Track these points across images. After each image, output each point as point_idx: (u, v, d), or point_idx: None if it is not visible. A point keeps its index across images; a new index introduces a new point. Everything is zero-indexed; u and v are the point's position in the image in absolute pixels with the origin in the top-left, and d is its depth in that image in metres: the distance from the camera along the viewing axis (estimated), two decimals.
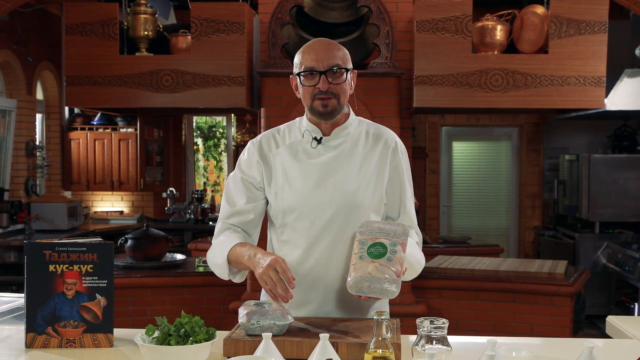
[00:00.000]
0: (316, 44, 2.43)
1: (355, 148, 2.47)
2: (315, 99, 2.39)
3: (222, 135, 10.03)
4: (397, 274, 2.12)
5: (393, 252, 2.16)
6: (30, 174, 8.29)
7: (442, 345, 1.91)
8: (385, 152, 2.48)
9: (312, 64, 2.37)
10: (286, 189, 2.43)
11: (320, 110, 2.39)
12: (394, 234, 2.22)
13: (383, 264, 2.13)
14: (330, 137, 2.47)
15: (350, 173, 2.43)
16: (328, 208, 2.40)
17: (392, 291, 2.11)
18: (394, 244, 2.18)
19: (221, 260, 2.41)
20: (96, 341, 2.21)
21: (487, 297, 5.25)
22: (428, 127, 9.03)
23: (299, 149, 2.48)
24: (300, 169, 2.44)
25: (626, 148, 8.30)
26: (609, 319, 2.66)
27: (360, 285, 2.12)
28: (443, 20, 4.97)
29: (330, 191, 2.41)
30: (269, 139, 2.53)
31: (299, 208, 2.40)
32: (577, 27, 4.93)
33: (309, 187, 2.42)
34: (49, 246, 2.18)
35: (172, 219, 8.94)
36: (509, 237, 9.37)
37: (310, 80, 2.38)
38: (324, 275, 2.42)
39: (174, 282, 5.32)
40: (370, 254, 2.15)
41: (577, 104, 5.01)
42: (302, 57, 2.41)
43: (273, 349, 1.92)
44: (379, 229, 2.24)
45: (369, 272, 2.11)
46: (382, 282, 2.10)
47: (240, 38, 5.11)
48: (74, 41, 5.23)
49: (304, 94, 2.42)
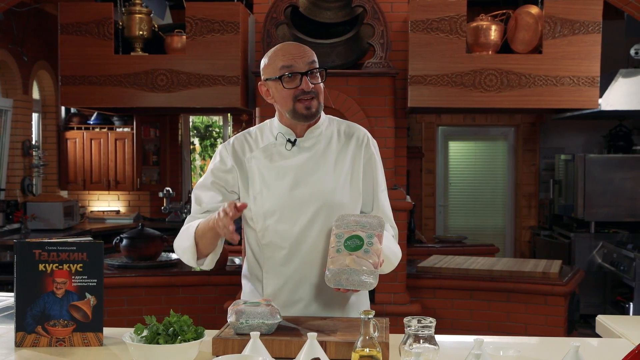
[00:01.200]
0: (289, 46, 2.43)
1: (328, 147, 2.49)
2: (296, 101, 2.38)
3: (219, 134, 10.04)
4: (374, 266, 2.15)
5: (370, 244, 2.18)
6: (26, 173, 8.29)
7: (429, 344, 1.91)
8: (358, 149, 2.51)
9: (291, 64, 2.36)
10: (265, 193, 2.44)
11: (304, 113, 2.39)
12: (370, 226, 2.24)
13: (360, 256, 2.15)
14: (303, 138, 2.48)
15: (327, 172, 2.45)
16: (308, 208, 2.42)
17: (370, 283, 2.14)
18: (370, 235, 2.20)
19: (189, 242, 2.38)
20: (86, 340, 2.21)
21: (481, 297, 5.27)
22: (424, 126, 9.03)
23: (273, 151, 2.48)
24: (277, 172, 2.45)
25: (621, 148, 8.31)
26: (599, 319, 2.67)
27: (339, 278, 2.14)
28: (437, 20, 4.98)
29: (309, 191, 2.42)
30: (242, 142, 2.52)
31: (279, 210, 2.41)
32: (571, 27, 4.93)
33: (287, 188, 2.43)
34: (39, 245, 2.19)
35: (168, 219, 8.94)
36: (505, 236, 9.39)
37: (291, 83, 2.37)
38: (309, 274, 2.43)
39: (169, 282, 5.32)
40: (347, 246, 2.18)
41: (571, 104, 5.01)
42: (276, 60, 2.39)
43: (261, 348, 1.93)
44: (355, 222, 2.26)
45: (346, 264, 2.14)
46: (359, 274, 2.13)
47: (235, 38, 5.11)
48: (69, 41, 5.23)
49: (284, 97, 2.40)
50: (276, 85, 2.41)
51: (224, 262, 5.41)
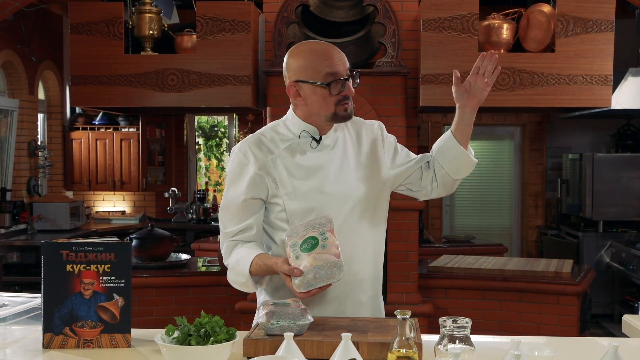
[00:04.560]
0: (329, 49, 2.41)
1: (345, 144, 2.51)
2: (338, 105, 2.39)
3: (224, 134, 10.02)
4: (336, 256, 2.15)
5: (325, 239, 2.18)
6: (32, 174, 8.27)
7: (465, 344, 1.89)
8: (369, 140, 2.55)
9: (338, 70, 2.36)
10: (297, 191, 2.41)
11: (344, 115, 2.42)
12: (319, 225, 2.24)
13: (319, 252, 2.16)
14: (326, 135, 2.49)
15: (350, 168, 2.46)
16: (342, 205, 2.41)
17: (336, 272, 2.14)
18: (323, 232, 2.20)
19: (244, 279, 2.41)
20: (114, 341, 2.19)
21: (493, 297, 5.25)
22: (431, 126, 9.02)
23: (297, 150, 2.46)
24: (305, 170, 2.43)
25: (629, 147, 8.30)
26: (626, 318, 2.64)
27: (306, 280, 2.14)
28: (449, 19, 4.96)
29: (339, 188, 2.42)
30: (259, 144, 2.46)
31: (317, 208, 2.39)
32: (583, 26, 4.91)
33: (319, 186, 2.41)
34: (67, 246, 2.16)
35: (174, 219, 8.92)
36: (511, 236, 9.37)
37: (336, 88, 2.37)
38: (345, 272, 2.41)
39: (179, 282, 5.30)
40: (304, 250, 2.18)
41: (584, 103, 4.99)
42: (319, 65, 2.36)
43: (295, 348, 1.91)
44: (303, 227, 2.26)
45: (309, 265, 2.14)
46: (323, 267, 2.13)
47: (246, 37, 5.09)
48: (79, 40, 5.20)
49: (327, 102, 2.39)
50: (317, 89, 2.38)
51: None
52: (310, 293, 2.17)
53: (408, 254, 5.03)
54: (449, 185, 2.58)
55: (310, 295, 2.18)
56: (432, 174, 2.58)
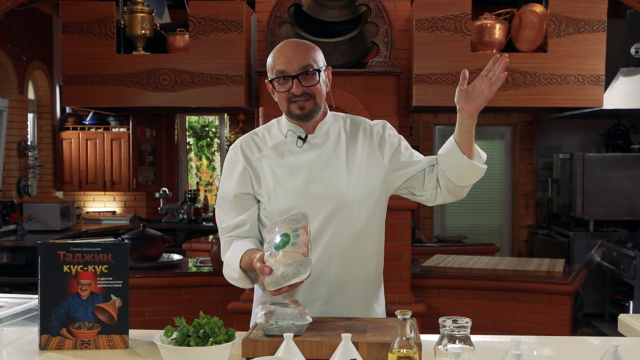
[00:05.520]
0: (285, 47, 2.41)
1: (338, 144, 2.49)
2: (290, 103, 2.39)
3: (215, 134, 9.99)
4: (304, 255, 2.15)
5: (296, 237, 2.18)
6: (22, 174, 8.23)
7: (465, 344, 1.89)
8: (365, 141, 2.51)
9: (283, 68, 2.36)
10: (279, 191, 2.42)
11: (297, 113, 2.40)
12: (293, 221, 2.24)
13: (289, 250, 2.15)
14: (313, 134, 2.47)
15: (339, 170, 2.44)
16: (324, 205, 2.40)
17: (303, 271, 2.13)
18: (296, 229, 2.20)
19: (237, 274, 2.41)
20: (111, 342, 2.18)
21: (486, 296, 5.26)
22: (422, 126, 9.02)
23: (284, 149, 2.47)
24: (289, 169, 2.44)
25: (620, 147, 8.33)
26: (622, 317, 2.65)
27: (275, 278, 2.14)
28: (442, 19, 4.96)
29: (324, 188, 2.41)
30: (249, 143, 2.51)
31: (296, 207, 2.37)
32: (576, 26, 4.92)
33: (302, 185, 2.41)
34: (64, 246, 2.15)
35: (165, 219, 8.90)
36: (502, 235, 9.39)
37: (283, 86, 2.38)
38: (326, 272, 2.41)
39: (172, 283, 5.28)
40: (276, 247, 2.18)
41: (576, 103, 5.01)
42: (272, 62, 2.40)
43: (295, 349, 1.90)
44: (280, 222, 2.26)
45: (278, 262, 2.14)
46: (291, 266, 2.13)
47: (239, 37, 5.07)
48: (71, 40, 5.17)
49: (280, 99, 2.42)
50: (273, 87, 2.42)
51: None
52: (281, 291, 2.15)
53: (401, 254, 5.03)
54: (455, 191, 2.51)
55: (280, 293, 2.16)
56: (434, 179, 2.50)
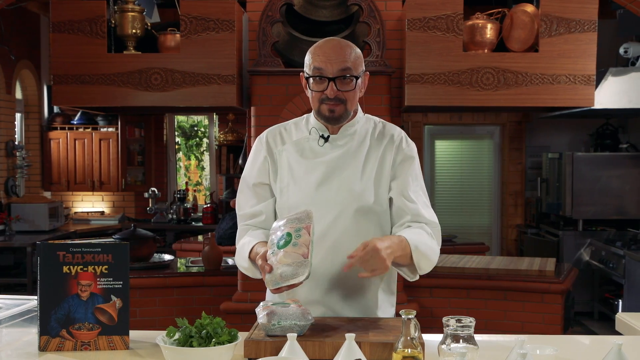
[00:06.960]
0: (327, 46, 2.36)
1: (361, 147, 2.45)
2: (322, 103, 2.37)
3: (204, 134, 9.96)
4: (303, 256, 2.14)
5: (298, 237, 2.18)
6: (10, 174, 8.17)
7: (468, 344, 1.89)
8: (389, 148, 2.45)
9: (321, 66, 2.32)
10: (291, 187, 2.41)
11: (326, 115, 2.38)
12: (297, 220, 2.24)
13: (289, 250, 2.15)
14: (337, 135, 2.45)
15: (356, 172, 2.41)
16: (333, 207, 2.38)
17: (301, 272, 2.13)
18: (298, 229, 2.20)
19: (246, 264, 2.41)
20: (112, 343, 2.16)
21: (478, 295, 5.27)
22: (411, 125, 9.02)
23: (305, 146, 2.46)
24: (306, 167, 2.42)
25: (608, 146, 8.37)
26: (619, 316, 2.66)
27: (274, 278, 2.14)
28: (434, 19, 4.97)
29: (335, 190, 2.39)
30: (275, 135, 2.51)
31: (304, 205, 2.36)
32: (567, 26, 4.94)
33: (314, 185, 2.40)
34: (63, 247, 2.13)
35: (154, 220, 8.85)
36: (491, 235, 9.41)
37: (318, 85, 2.35)
38: (328, 272, 2.39)
39: (163, 283, 5.25)
40: (279, 246, 2.18)
41: (568, 102, 5.03)
42: (312, 58, 2.36)
43: (298, 349, 1.89)
44: (285, 220, 2.26)
45: (278, 262, 2.15)
46: (290, 266, 2.13)
47: (231, 36, 5.06)
48: (61, 39, 5.13)
49: (313, 97, 2.39)
50: (307, 83, 2.39)
51: (218, 263, 5.35)
52: (280, 290, 2.16)
53: None
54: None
55: (279, 292, 2.17)
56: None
